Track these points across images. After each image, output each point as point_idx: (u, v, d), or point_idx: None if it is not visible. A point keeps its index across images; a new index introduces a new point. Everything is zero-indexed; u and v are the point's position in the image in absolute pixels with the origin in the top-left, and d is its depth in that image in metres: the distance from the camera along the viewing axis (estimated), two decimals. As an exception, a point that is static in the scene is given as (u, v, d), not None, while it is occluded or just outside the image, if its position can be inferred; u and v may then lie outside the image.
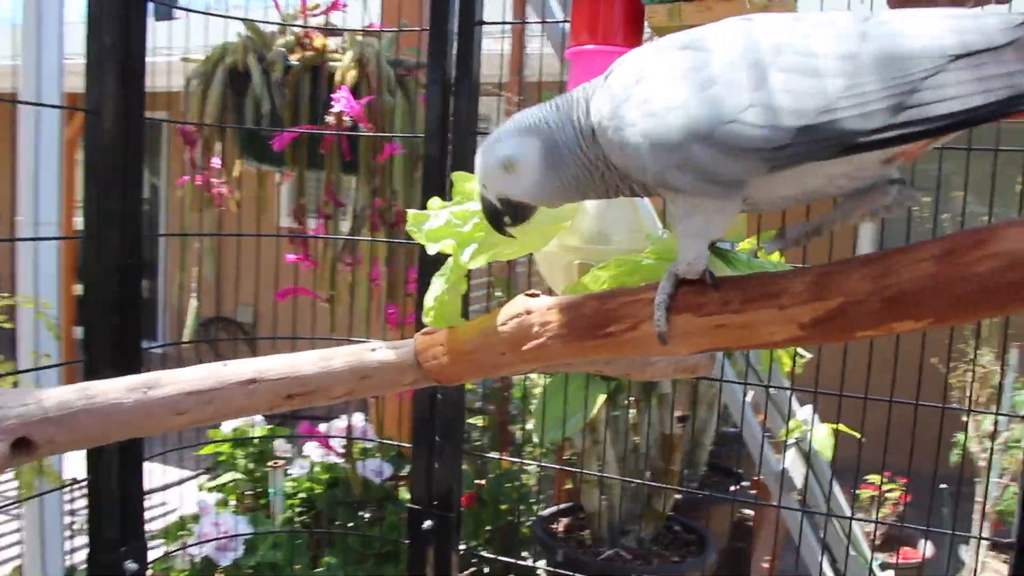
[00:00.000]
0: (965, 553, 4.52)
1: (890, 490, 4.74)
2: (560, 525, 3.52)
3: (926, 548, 4.66)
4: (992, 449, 4.20)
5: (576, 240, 1.54)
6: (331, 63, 2.87)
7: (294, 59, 2.86)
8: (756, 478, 4.48)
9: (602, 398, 2.78)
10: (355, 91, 2.79)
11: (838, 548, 2.85)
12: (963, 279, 0.90)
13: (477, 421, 4.33)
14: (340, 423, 3.36)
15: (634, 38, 1.55)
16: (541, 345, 1.24)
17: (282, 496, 3.03)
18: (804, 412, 3.13)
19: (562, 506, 3.66)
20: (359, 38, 2.91)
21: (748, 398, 4.48)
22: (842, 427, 2.84)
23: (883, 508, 4.67)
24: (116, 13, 1.81)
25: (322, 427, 3.32)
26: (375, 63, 2.83)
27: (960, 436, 4.57)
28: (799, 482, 2.76)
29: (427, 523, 2.13)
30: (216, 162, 2.85)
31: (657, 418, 3.50)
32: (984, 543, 4.32)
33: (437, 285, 1.36)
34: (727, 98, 0.91)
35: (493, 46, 3.64)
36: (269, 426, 3.42)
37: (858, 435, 2.88)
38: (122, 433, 1.18)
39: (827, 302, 0.98)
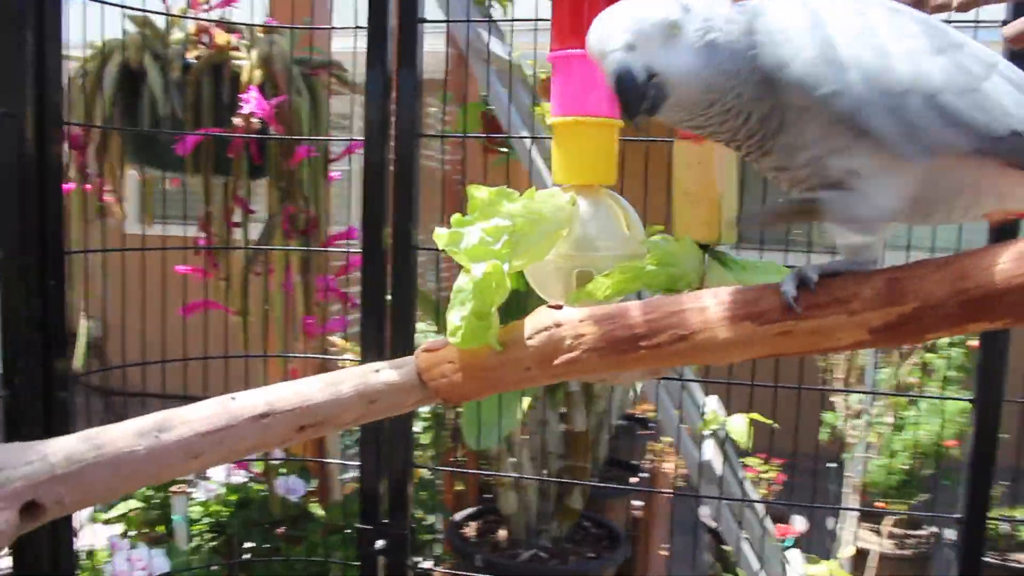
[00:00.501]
0: (836, 525, 4.80)
1: (767, 471, 4.97)
2: (471, 529, 3.48)
3: (831, 522, 4.91)
4: (866, 424, 4.49)
5: (567, 248, 1.50)
6: (234, 62, 2.70)
7: (192, 57, 2.67)
8: (645, 469, 4.59)
9: (527, 401, 2.76)
10: (261, 91, 2.64)
11: (750, 531, 2.94)
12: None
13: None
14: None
15: (616, 42, 1.53)
16: (575, 359, 1.21)
17: (186, 522, 2.83)
18: (711, 402, 3.22)
19: (471, 510, 3.62)
20: (260, 35, 2.75)
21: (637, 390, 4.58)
22: (757, 416, 2.94)
23: (760, 488, 4.89)
24: (30, 4, 1.63)
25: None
26: (281, 62, 2.69)
27: (828, 416, 4.85)
28: (719, 471, 2.84)
29: (380, 542, 2.04)
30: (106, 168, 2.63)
31: (555, 417, 3.52)
32: (854, 515, 4.60)
33: (458, 305, 1.29)
34: (957, 74, 0.94)
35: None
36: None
37: (772, 423, 3.00)
38: (133, 484, 1.06)
39: (901, 307, 0.99)
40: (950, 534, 4.69)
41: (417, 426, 4.35)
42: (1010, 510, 4.33)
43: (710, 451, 2.88)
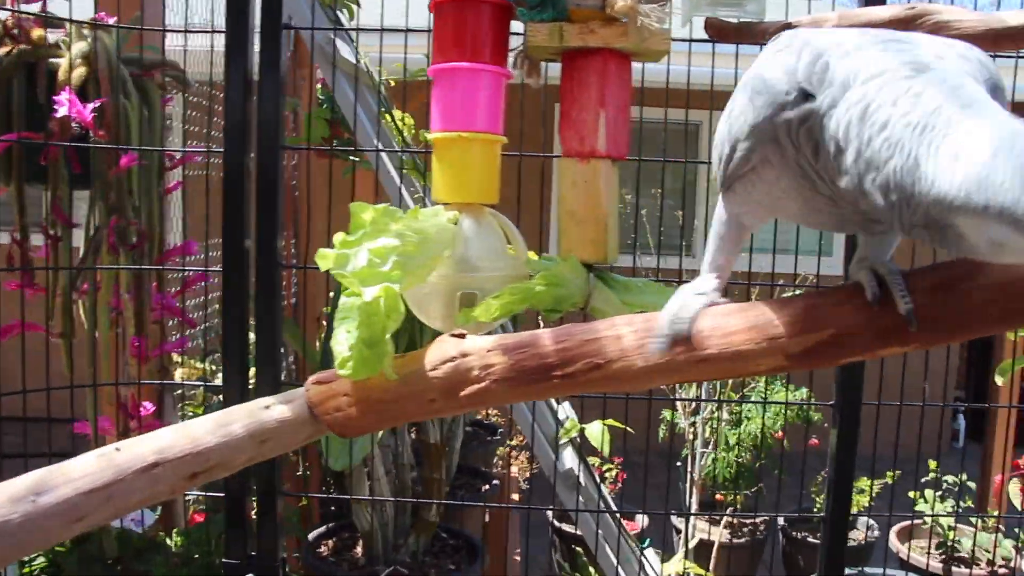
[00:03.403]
0: (676, 520, 4.97)
1: (608, 470, 5.09)
2: (326, 548, 3.35)
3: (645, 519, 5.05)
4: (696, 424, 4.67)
5: (449, 269, 1.45)
6: (52, 59, 2.46)
7: (2, 52, 2.42)
8: (495, 476, 4.60)
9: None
10: (83, 93, 2.42)
11: (609, 536, 2.98)
12: (956, 310, 0.96)
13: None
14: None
15: (500, 56, 1.49)
16: (483, 390, 1.16)
17: (15, 564, 2.56)
18: (564, 410, 3.25)
19: (324, 528, 3.49)
20: (85, 31, 2.52)
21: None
22: (612, 422, 2.99)
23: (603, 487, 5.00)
24: None
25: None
26: (106, 60, 2.47)
27: (667, 413, 5.03)
28: (581, 478, 2.86)
29: (247, 579, 1.91)
30: None
31: (407, 429, 3.45)
32: (694, 508, 4.79)
33: (344, 332, 1.21)
34: None
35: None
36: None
37: (624, 427, 3.06)
38: (8, 558, 0.92)
39: (818, 334, 1.00)
40: (781, 520, 4.97)
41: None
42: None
43: (569, 458, 2.90)
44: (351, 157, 3.08)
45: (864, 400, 1.90)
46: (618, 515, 2.98)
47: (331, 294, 3.66)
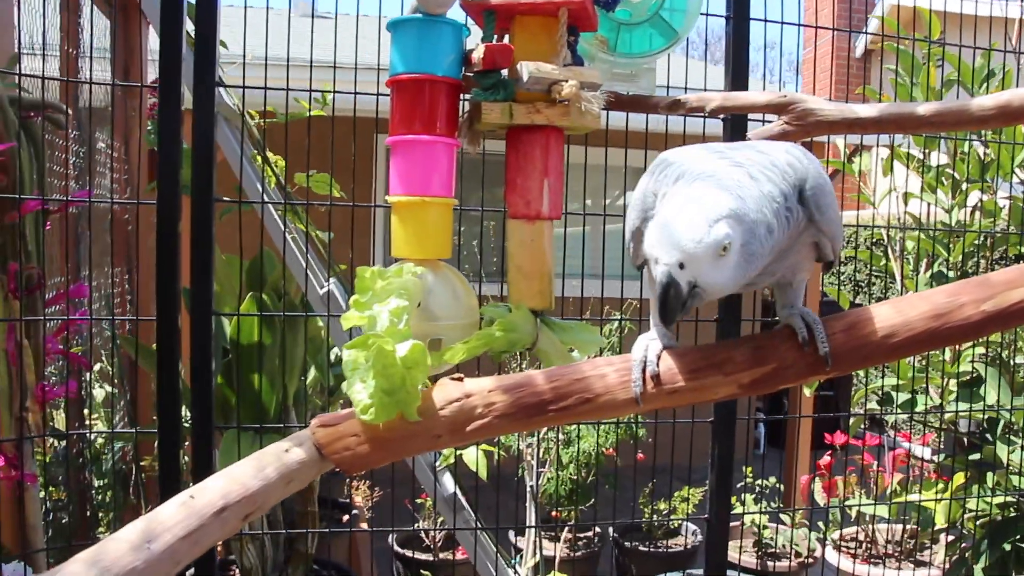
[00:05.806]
0: (518, 539, 5.23)
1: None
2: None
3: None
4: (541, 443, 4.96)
5: (416, 319, 1.63)
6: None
7: None
8: (354, 505, 4.68)
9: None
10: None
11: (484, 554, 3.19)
12: (863, 345, 1.28)
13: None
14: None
15: (451, 128, 1.69)
16: (487, 424, 1.36)
17: None
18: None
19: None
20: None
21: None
22: (488, 447, 3.20)
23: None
24: None
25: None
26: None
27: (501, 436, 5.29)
28: (463, 502, 3.05)
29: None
30: None
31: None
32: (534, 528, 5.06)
33: (359, 382, 1.35)
34: None
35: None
36: None
37: (496, 450, 3.28)
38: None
39: (764, 367, 1.30)
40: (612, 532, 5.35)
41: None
42: (661, 503, 5.06)
43: (450, 484, 3.08)
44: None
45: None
46: (493, 533, 3.19)
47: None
